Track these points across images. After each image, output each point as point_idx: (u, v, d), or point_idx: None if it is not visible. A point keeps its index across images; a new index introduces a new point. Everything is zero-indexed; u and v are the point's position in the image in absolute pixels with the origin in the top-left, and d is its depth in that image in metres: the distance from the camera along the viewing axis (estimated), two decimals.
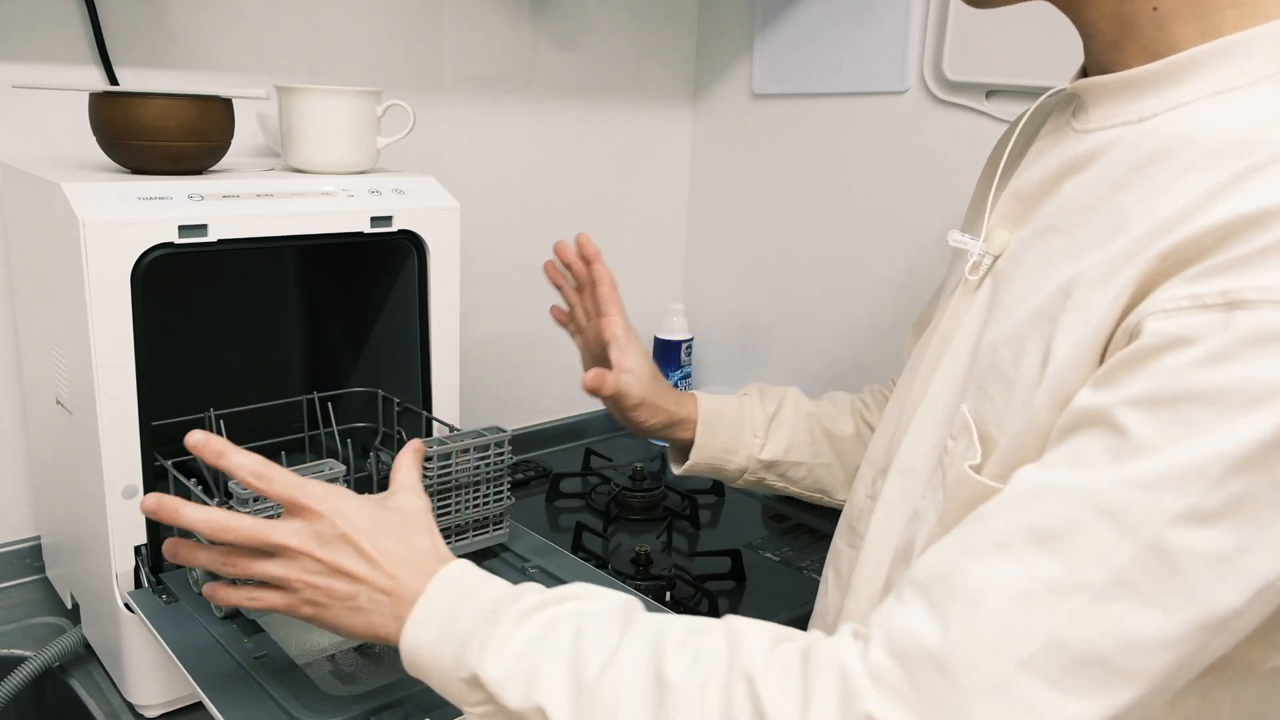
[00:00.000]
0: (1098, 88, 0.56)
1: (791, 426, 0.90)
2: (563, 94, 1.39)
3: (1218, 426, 0.41)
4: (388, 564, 0.59)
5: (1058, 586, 0.43)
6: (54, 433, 0.89)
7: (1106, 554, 0.42)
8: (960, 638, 0.43)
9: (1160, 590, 0.42)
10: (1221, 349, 0.42)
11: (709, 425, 0.89)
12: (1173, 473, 0.42)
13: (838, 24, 1.29)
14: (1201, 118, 0.50)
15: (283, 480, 0.61)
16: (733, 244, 1.52)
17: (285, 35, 1.12)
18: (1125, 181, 0.52)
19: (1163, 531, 0.41)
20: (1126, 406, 0.44)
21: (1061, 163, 0.58)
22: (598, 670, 0.51)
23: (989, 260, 0.62)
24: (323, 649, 0.83)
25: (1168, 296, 0.44)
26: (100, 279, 0.74)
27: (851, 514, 0.73)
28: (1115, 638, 0.42)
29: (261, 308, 1.08)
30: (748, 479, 0.91)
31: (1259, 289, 0.41)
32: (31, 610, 1.00)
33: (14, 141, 0.98)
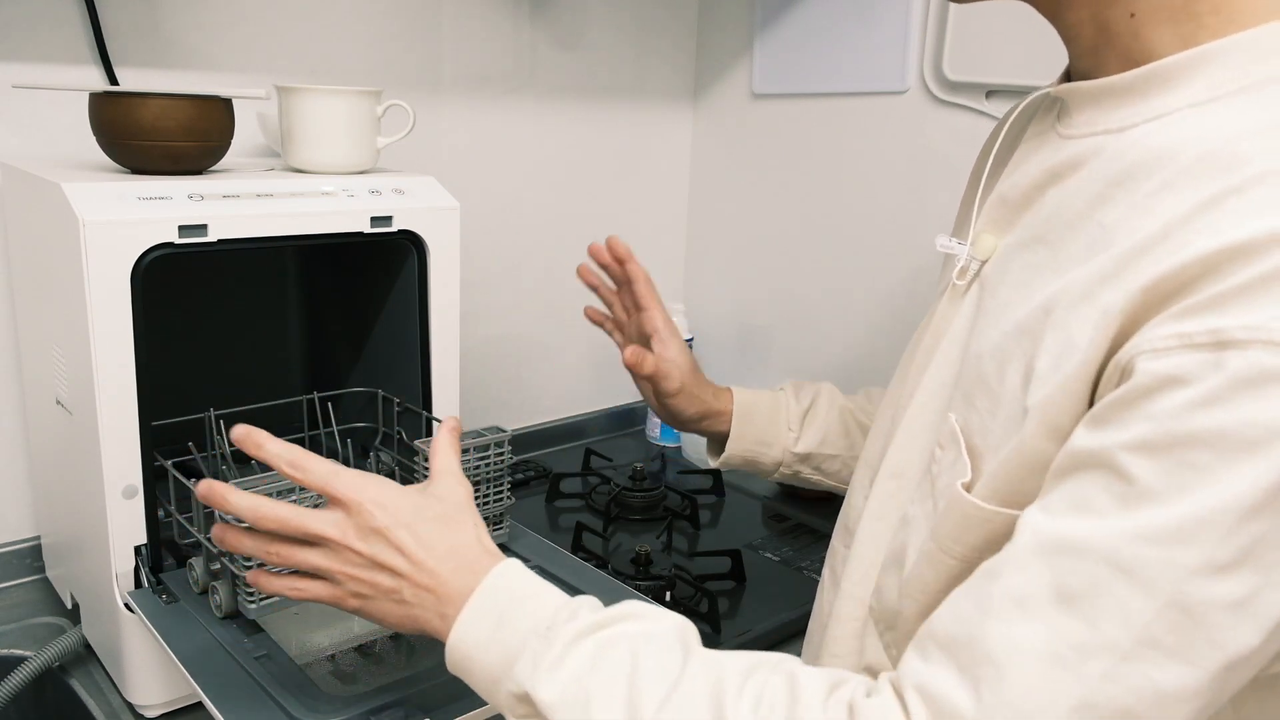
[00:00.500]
0: (1079, 93, 0.56)
1: (825, 420, 0.91)
2: (563, 94, 1.39)
3: (1221, 473, 0.41)
4: (429, 559, 0.58)
5: (1083, 648, 0.43)
6: (54, 433, 0.89)
7: (1129, 613, 0.42)
8: (993, 705, 0.44)
9: (1184, 643, 0.42)
10: (1216, 391, 0.42)
11: (744, 418, 0.90)
12: (1184, 525, 0.42)
13: (838, 24, 1.29)
14: (1180, 131, 0.50)
15: (317, 470, 0.60)
16: (733, 244, 1.52)
17: (285, 35, 1.12)
18: (1106, 195, 0.52)
19: (1181, 586, 0.42)
20: (1127, 451, 0.44)
21: (1044, 169, 0.58)
22: (656, 706, 0.50)
23: (975, 265, 0.62)
24: (323, 649, 0.83)
25: (1156, 335, 0.44)
26: (100, 279, 0.74)
27: (848, 514, 0.73)
28: (1144, 694, 0.42)
29: (261, 308, 1.08)
30: (783, 472, 0.91)
31: (1245, 328, 0.41)
32: (31, 610, 1.00)
33: (14, 141, 0.98)
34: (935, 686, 0.46)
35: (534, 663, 0.53)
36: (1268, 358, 0.41)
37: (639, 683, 0.51)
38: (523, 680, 0.53)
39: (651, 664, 0.52)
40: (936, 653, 0.48)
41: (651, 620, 0.56)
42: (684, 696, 0.51)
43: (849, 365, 1.36)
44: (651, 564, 1.06)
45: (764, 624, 0.99)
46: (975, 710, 0.44)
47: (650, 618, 0.56)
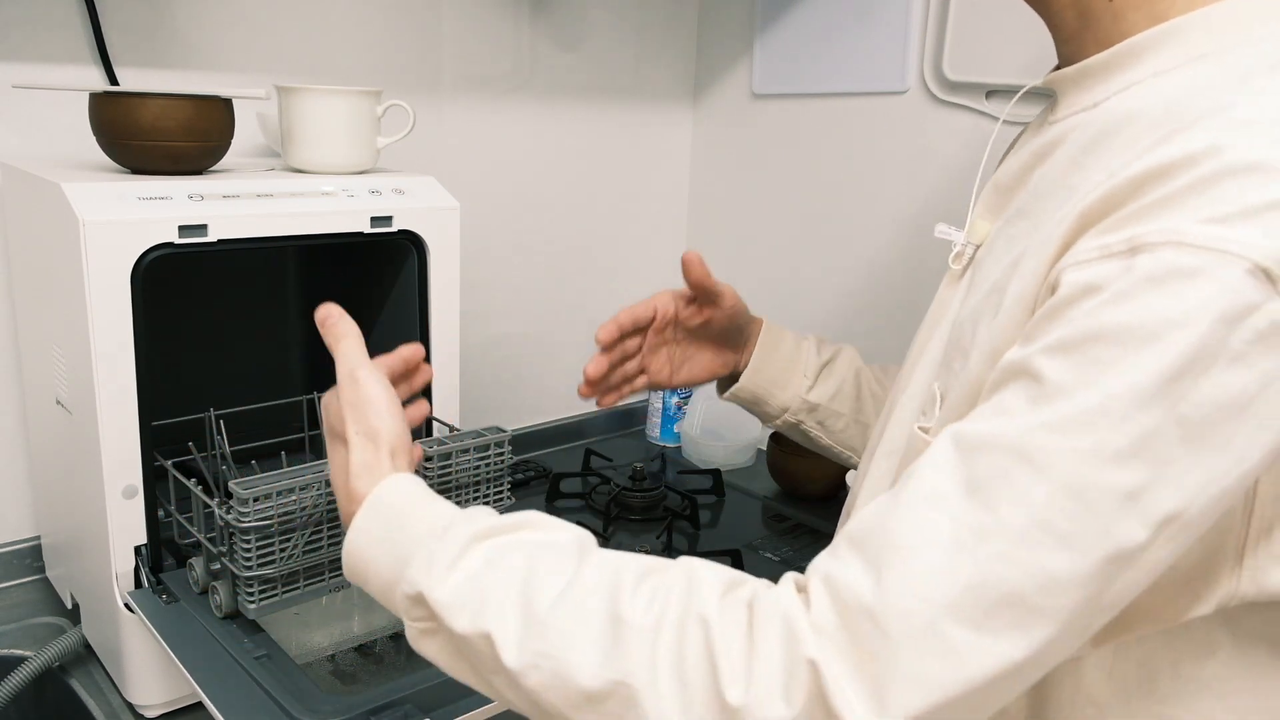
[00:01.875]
0: (1063, 79, 0.59)
1: (841, 376, 0.90)
2: (563, 94, 1.39)
3: (1121, 364, 0.43)
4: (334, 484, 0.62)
5: (981, 531, 0.44)
6: (54, 433, 0.89)
7: (1024, 497, 0.44)
8: (890, 588, 0.45)
9: (1075, 530, 0.43)
10: (1123, 290, 0.44)
11: (767, 350, 0.89)
12: (1083, 414, 0.43)
13: (838, 24, 1.29)
14: (1145, 96, 0.53)
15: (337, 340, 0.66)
16: (733, 244, 1.52)
17: (285, 35, 1.12)
18: (1077, 162, 0.54)
19: (1074, 470, 0.43)
20: (1043, 354, 0.45)
21: (1031, 153, 0.60)
22: (550, 602, 0.51)
23: (970, 249, 0.65)
24: (323, 649, 0.83)
25: (1081, 249, 0.46)
26: (100, 279, 0.74)
27: (850, 500, 0.74)
28: (1034, 577, 0.43)
29: (261, 308, 1.08)
30: (787, 419, 0.90)
31: (1159, 231, 0.43)
32: (31, 610, 1.00)
33: (14, 141, 0.98)
34: (839, 575, 0.47)
35: (429, 563, 0.54)
36: (1175, 256, 0.43)
37: (534, 581, 0.52)
38: (417, 581, 0.54)
39: (548, 566, 0.53)
40: (846, 548, 0.49)
41: (551, 530, 0.57)
42: (579, 592, 0.51)
43: None
44: None
45: None
46: (874, 591, 0.45)
47: (550, 528, 0.57)
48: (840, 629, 0.46)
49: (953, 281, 0.66)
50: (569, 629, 0.50)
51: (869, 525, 0.48)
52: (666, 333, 0.89)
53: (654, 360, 0.89)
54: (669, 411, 1.52)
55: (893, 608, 0.44)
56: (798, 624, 0.46)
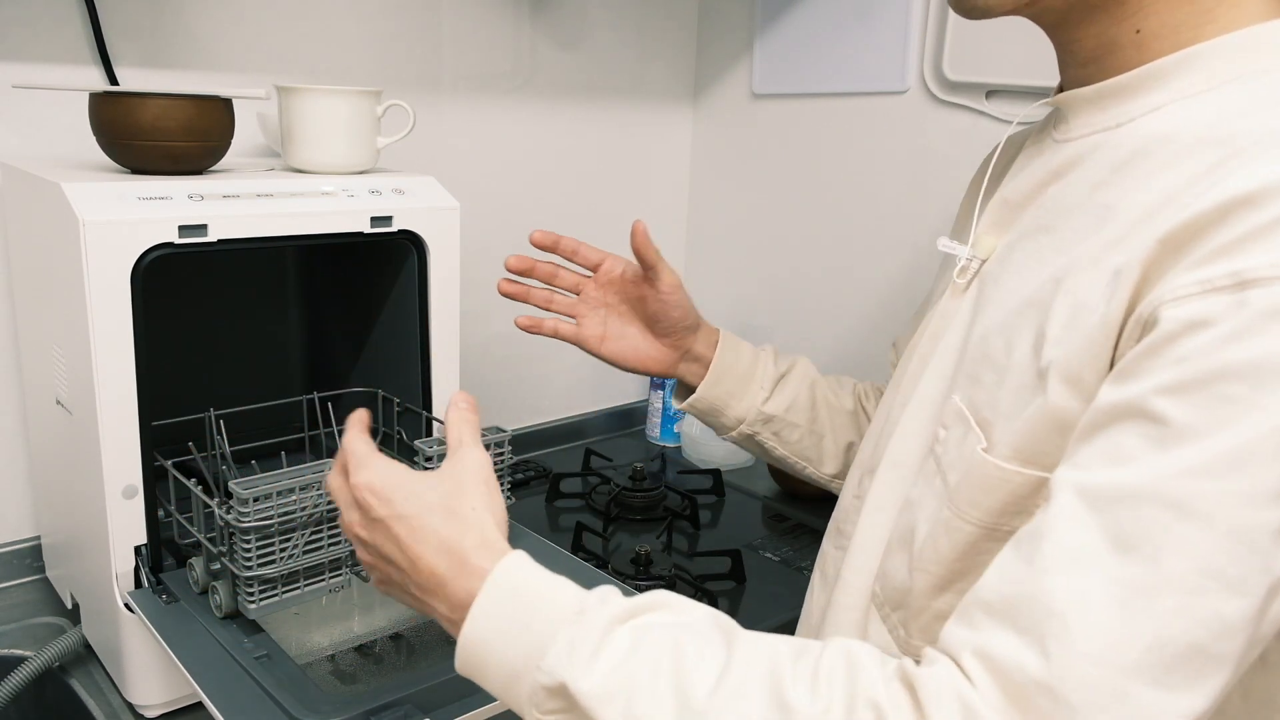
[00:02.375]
0: (1079, 99, 0.59)
1: (797, 388, 0.90)
2: (563, 94, 1.39)
3: (1258, 402, 0.42)
4: (425, 556, 0.55)
5: (1148, 588, 0.43)
6: (54, 433, 0.89)
7: (1188, 547, 0.43)
8: (1062, 659, 0.44)
9: (1242, 573, 0.43)
10: (1242, 327, 0.43)
11: (726, 359, 0.88)
12: (1231, 456, 0.43)
13: (838, 24, 1.29)
14: (1176, 118, 0.53)
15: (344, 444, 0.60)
16: (733, 244, 1.52)
17: (285, 35, 1.12)
18: (1107, 181, 0.54)
19: (1235, 514, 0.42)
20: (1158, 395, 0.45)
21: (1046, 171, 0.60)
22: (708, 690, 0.48)
23: (976, 264, 0.64)
24: (322, 649, 0.83)
25: (1177, 284, 0.45)
26: (100, 279, 0.74)
27: (839, 516, 0.74)
28: (1209, 626, 0.43)
29: (261, 308, 1.08)
30: (742, 430, 0.89)
31: (1267, 265, 0.43)
32: (31, 610, 1.00)
33: (14, 141, 0.98)
34: (994, 649, 0.46)
35: (569, 651, 0.50)
36: None
37: (685, 667, 0.49)
38: (557, 671, 0.50)
39: (696, 650, 0.50)
40: (986, 619, 0.47)
41: (685, 611, 0.54)
42: (737, 679, 0.48)
43: (848, 364, 1.36)
44: (651, 564, 1.06)
45: (764, 624, 0.99)
46: (1045, 667, 0.44)
47: (683, 609, 0.54)
48: (1011, 707, 0.44)
49: (956, 295, 0.66)
50: (732, 718, 0.48)
51: (1009, 593, 0.47)
52: (610, 295, 0.88)
53: (589, 316, 0.88)
54: (669, 411, 1.52)
55: (1071, 679, 0.43)
56: (976, 705, 0.45)
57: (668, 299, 0.86)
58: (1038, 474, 0.53)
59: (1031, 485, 0.53)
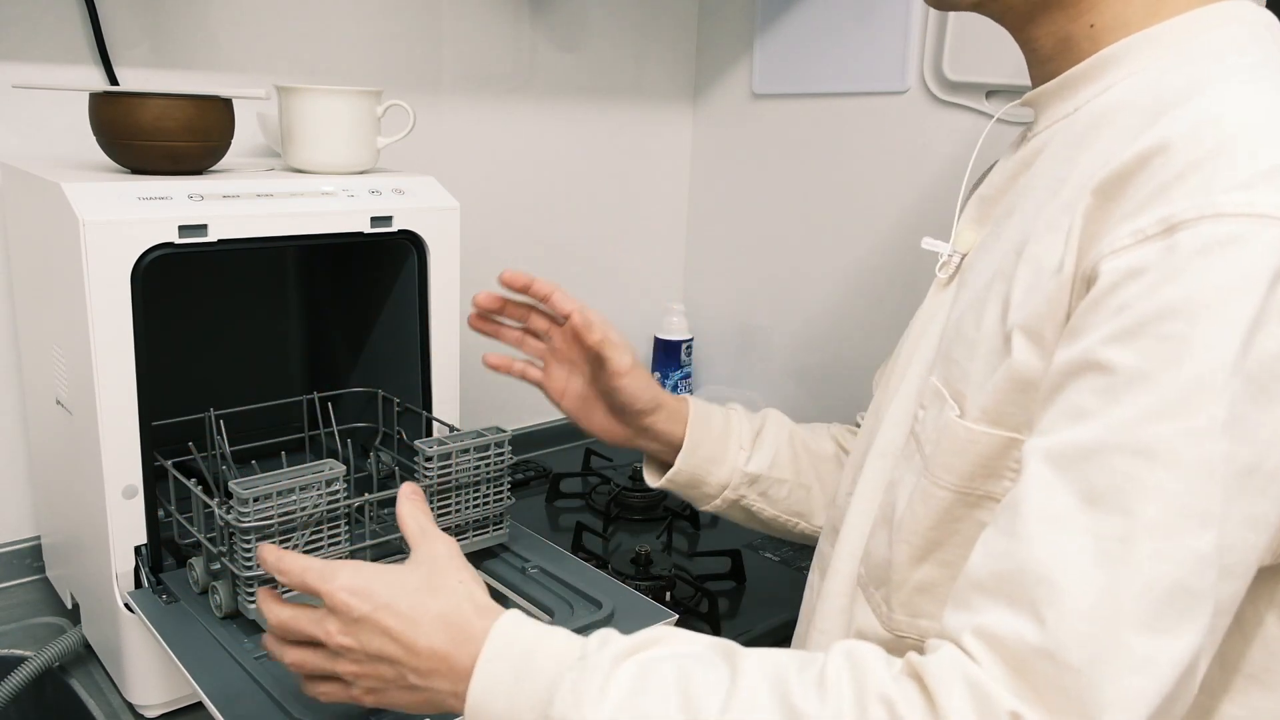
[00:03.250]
0: (1044, 94, 0.62)
1: (775, 441, 0.86)
2: (563, 94, 1.39)
3: (1196, 338, 0.44)
4: (420, 638, 0.55)
5: (1125, 537, 0.44)
6: (54, 433, 0.89)
7: (1158, 490, 0.44)
8: (1056, 622, 0.44)
9: (1210, 506, 0.44)
10: (1174, 269, 0.44)
11: (699, 426, 0.84)
12: (1178, 394, 0.44)
13: (838, 24, 1.29)
14: (1123, 92, 0.56)
15: (293, 568, 0.59)
16: (733, 244, 1.52)
17: (285, 35, 1.12)
18: (1064, 158, 0.57)
19: (1194, 450, 0.43)
20: (1104, 345, 0.46)
21: (1015, 164, 0.63)
22: (719, 707, 0.48)
23: (957, 258, 0.66)
24: None
25: (1114, 237, 0.47)
26: (100, 279, 0.74)
27: (834, 517, 0.74)
28: (1186, 564, 0.44)
29: (261, 308, 1.08)
30: (726, 497, 0.85)
31: (1191, 208, 0.45)
32: (31, 610, 1.00)
33: (14, 141, 0.98)
34: (992, 625, 0.46)
35: (575, 694, 0.50)
36: (1214, 227, 0.44)
37: (693, 690, 0.49)
38: (567, 715, 0.50)
39: (702, 673, 0.50)
40: (979, 598, 0.48)
41: (688, 642, 0.54)
42: (746, 696, 0.49)
43: (848, 364, 1.36)
44: (651, 564, 1.06)
45: (764, 624, 0.99)
46: (1041, 633, 0.44)
47: (686, 640, 0.55)
48: (1017, 678, 0.45)
49: (939, 290, 0.68)
50: None
51: (997, 569, 0.47)
52: (574, 351, 0.84)
53: (555, 367, 0.85)
54: None
55: (1068, 641, 0.44)
56: (984, 682, 0.45)
57: (616, 383, 0.81)
58: (1005, 434, 0.54)
59: (999, 445, 0.54)
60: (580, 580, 0.83)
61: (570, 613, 0.79)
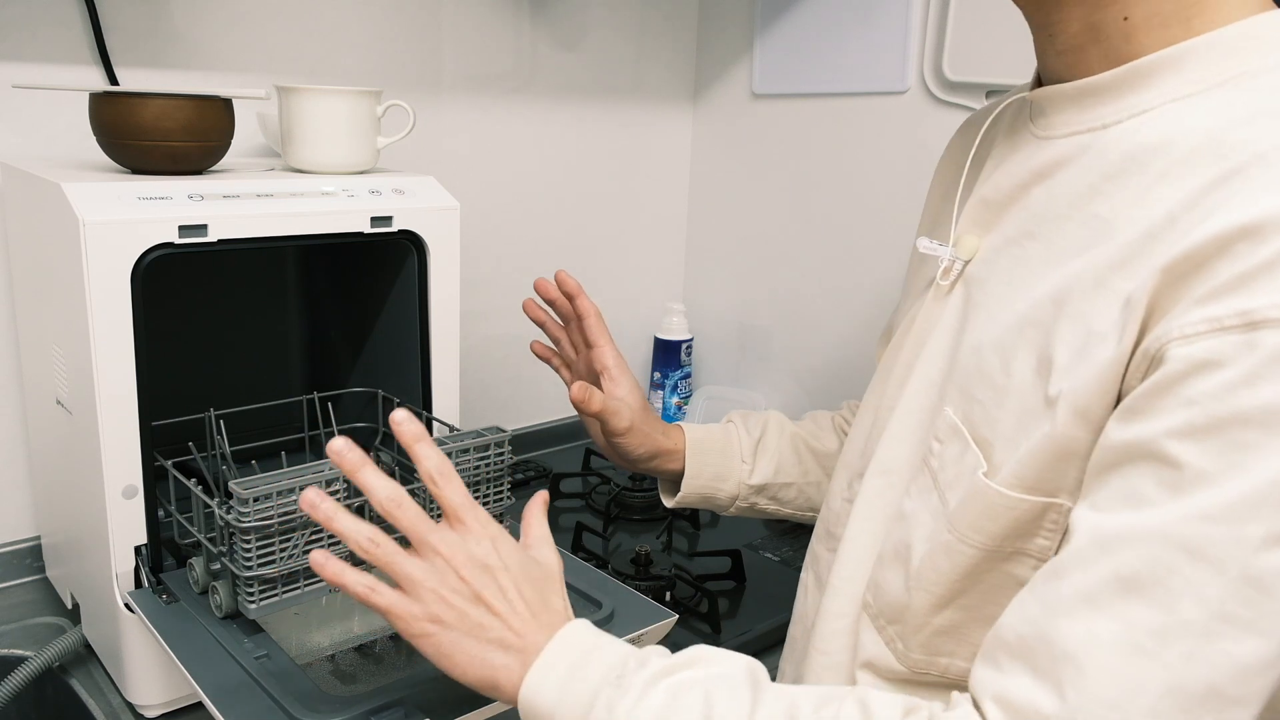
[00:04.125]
0: (1059, 95, 0.57)
1: (777, 449, 0.89)
2: (563, 94, 1.39)
3: (1269, 447, 0.42)
4: (525, 610, 0.58)
5: (1162, 632, 0.43)
6: (54, 433, 0.89)
7: (1201, 592, 0.43)
8: (1078, 702, 0.44)
9: (1259, 615, 0.43)
10: (1253, 370, 0.42)
11: (697, 455, 0.87)
12: (1243, 501, 0.42)
13: (838, 24, 1.29)
14: (1167, 124, 0.51)
15: (456, 491, 0.60)
16: (733, 244, 1.52)
17: (285, 35, 1.12)
18: (1098, 189, 0.53)
19: (1250, 560, 0.42)
20: (1171, 438, 0.44)
21: (1028, 170, 0.59)
22: None
23: (959, 265, 0.63)
24: (322, 649, 0.83)
25: (1185, 321, 0.45)
26: (100, 279, 0.74)
27: (828, 519, 0.73)
28: (1226, 669, 0.43)
29: (261, 308, 1.08)
30: (739, 505, 0.89)
31: (1273, 306, 0.42)
32: (31, 610, 1.00)
33: (14, 141, 0.98)
34: (1013, 693, 0.46)
35: (609, 710, 0.53)
36: None
37: (714, 716, 0.51)
38: None
39: (725, 704, 0.52)
40: (1008, 660, 0.48)
41: (721, 663, 0.56)
42: None
43: (848, 365, 1.36)
44: (651, 564, 1.06)
45: (764, 624, 0.99)
46: (1059, 709, 0.44)
47: (719, 661, 0.56)
48: None
49: (940, 298, 0.65)
50: None
51: (1027, 634, 0.47)
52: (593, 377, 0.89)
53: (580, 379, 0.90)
54: (669, 412, 1.52)
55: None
56: None
57: (613, 440, 0.85)
58: (1043, 500, 0.52)
59: (1037, 510, 0.53)
60: (580, 580, 0.83)
61: None
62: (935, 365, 0.62)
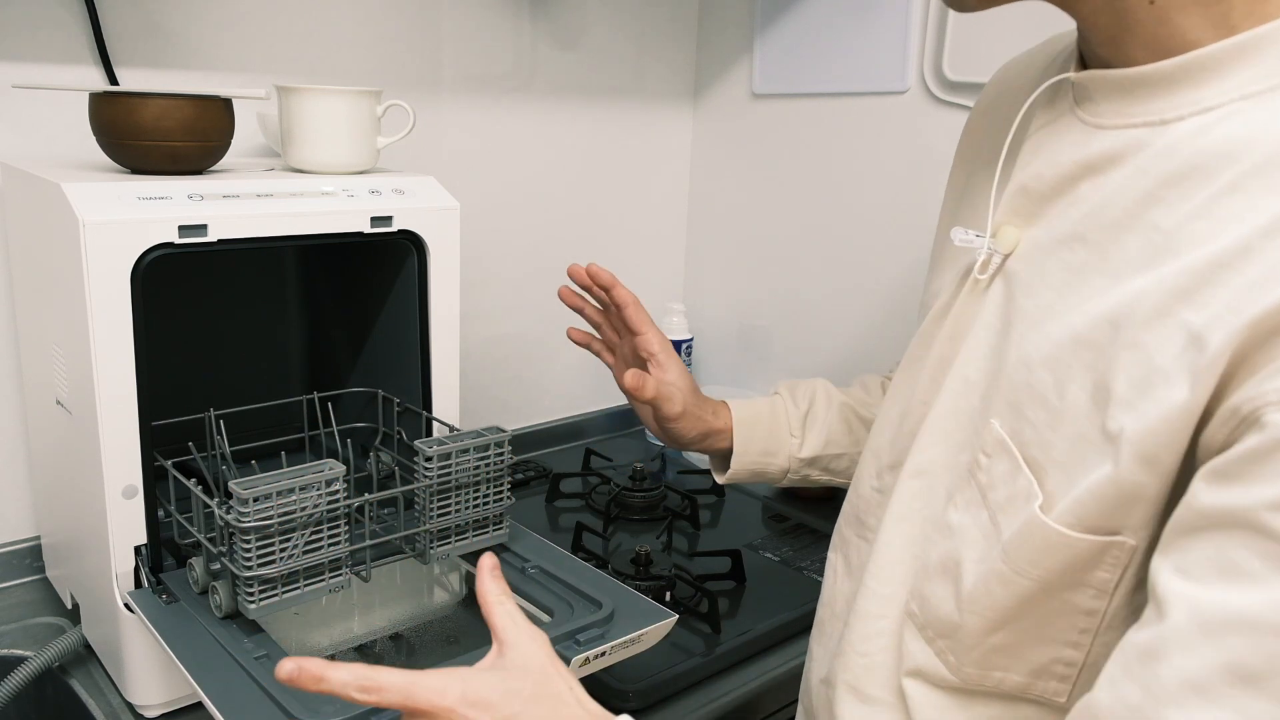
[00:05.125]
0: (1106, 81, 0.53)
1: (825, 420, 0.89)
2: (563, 94, 1.39)
3: None
4: None
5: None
6: (54, 433, 0.89)
7: None
8: None
9: None
10: None
11: (744, 432, 0.87)
12: None
13: (838, 24, 1.29)
14: (1236, 127, 0.48)
15: (392, 685, 0.54)
16: (733, 244, 1.52)
17: (285, 35, 1.12)
18: (1158, 196, 0.50)
19: None
20: (1271, 511, 0.42)
21: (1075, 161, 0.55)
22: None
23: (998, 258, 0.60)
24: (322, 649, 0.83)
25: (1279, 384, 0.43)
26: (100, 279, 0.74)
27: (859, 505, 0.71)
28: None
29: (261, 308, 1.08)
30: (792, 478, 0.89)
31: None
32: (31, 610, 1.00)
33: (14, 141, 0.98)
34: None
35: None
36: None
37: None
38: None
39: None
40: None
41: None
42: None
43: (849, 365, 1.36)
44: (651, 564, 1.06)
45: (764, 624, 0.99)
46: None
47: None
48: None
49: (977, 293, 0.61)
50: None
51: None
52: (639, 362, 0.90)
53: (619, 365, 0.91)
54: None
55: None
56: None
57: (666, 426, 0.86)
58: (1104, 539, 0.50)
59: (1098, 549, 0.51)
60: (580, 580, 0.83)
61: (570, 613, 0.79)
62: (975, 366, 0.60)
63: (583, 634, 0.74)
